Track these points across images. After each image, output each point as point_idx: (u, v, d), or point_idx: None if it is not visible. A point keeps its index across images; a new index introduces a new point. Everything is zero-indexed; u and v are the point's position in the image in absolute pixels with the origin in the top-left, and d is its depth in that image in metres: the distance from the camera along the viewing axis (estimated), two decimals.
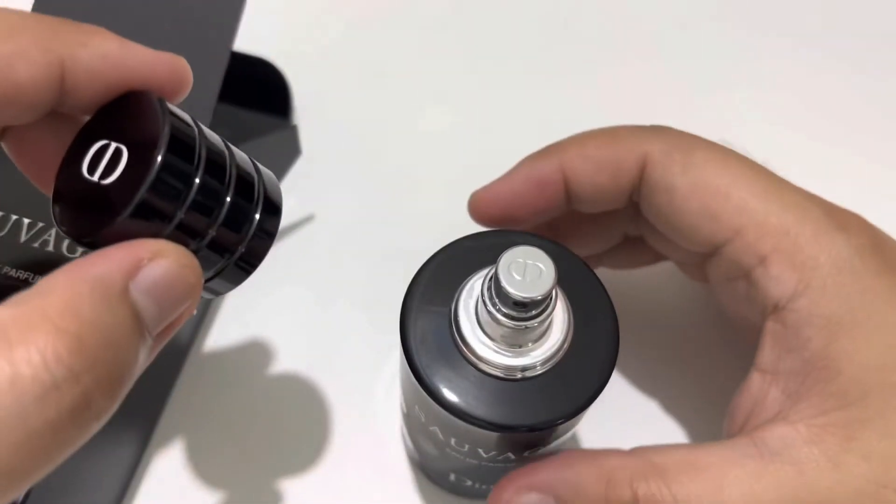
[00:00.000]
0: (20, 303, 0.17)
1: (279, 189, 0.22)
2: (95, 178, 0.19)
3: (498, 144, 0.46)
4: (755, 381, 0.26)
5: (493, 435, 0.24)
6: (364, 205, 0.44)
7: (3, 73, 0.19)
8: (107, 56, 0.20)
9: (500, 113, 0.48)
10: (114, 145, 0.19)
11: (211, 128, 0.36)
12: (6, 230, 0.31)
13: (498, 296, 0.23)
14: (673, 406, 0.35)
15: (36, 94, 0.19)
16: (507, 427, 0.23)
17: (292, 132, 0.46)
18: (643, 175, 0.28)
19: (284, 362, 0.37)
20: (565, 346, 0.24)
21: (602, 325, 0.25)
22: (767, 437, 0.24)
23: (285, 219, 0.43)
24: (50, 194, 0.21)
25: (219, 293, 0.22)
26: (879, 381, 0.23)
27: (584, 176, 0.29)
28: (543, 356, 0.24)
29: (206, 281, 0.21)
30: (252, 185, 0.21)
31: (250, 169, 0.21)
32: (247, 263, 0.22)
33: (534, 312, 0.23)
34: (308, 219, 0.43)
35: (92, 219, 0.19)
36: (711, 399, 0.33)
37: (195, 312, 0.21)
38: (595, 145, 0.30)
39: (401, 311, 0.25)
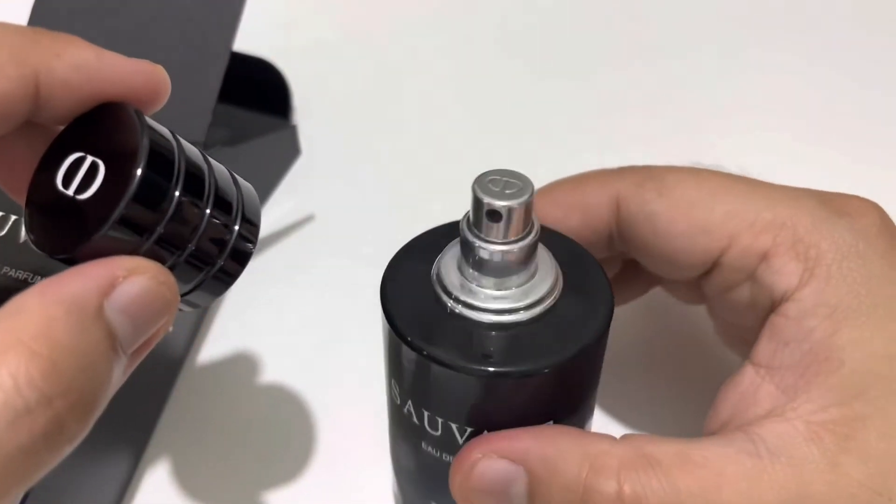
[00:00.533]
0: None
1: (257, 202, 0.22)
2: (71, 192, 0.19)
3: (498, 144, 0.47)
4: (748, 374, 0.25)
5: (471, 395, 0.23)
6: (363, 205, 0.43)
7: None
8: (81, 67, 0.20)
9: (500, 112, 0.48)
10: (90, 159, 0.19)
11: (211, 128, 0.36)
12: (6, 230, 0.31)
13: (475, 214, 0.22)
14: (663, 411, 0.35)
15: (9, 107, 0.19)
16: (491, 374, 0.22)
17: (292, 132, 0.46)
18: (619, 213, 0.28)
19: (282, 367, 0.37)
20: (556, 293, 0.23)
21: (594, 278, 0.24)
22: (765, 434, 0.22)
23: (285, 219, 0.44)
24: (22, 203, 0.20)
25: (198, 306, 0.22)
26: (885, 372, 0.22)
27: (553, 221, 0.28)
28: (530, 300, 0.23)
29: (185, 294, 0.21)
30: (231, 198, 0.21)
31: (229, 182, 0.21)
32: (226, 276, 0.21)
33: (514, 238, 0.22)
34: (307, 219, 0.43)
35: (67, 234, 0.18)
36: (700, 405, 0.33)
37: (171, 329, 0.20)
38: (562, 190, 0.29)
39: (382, 275, 0.24)
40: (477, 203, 0.22)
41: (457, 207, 0.34)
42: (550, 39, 0.52)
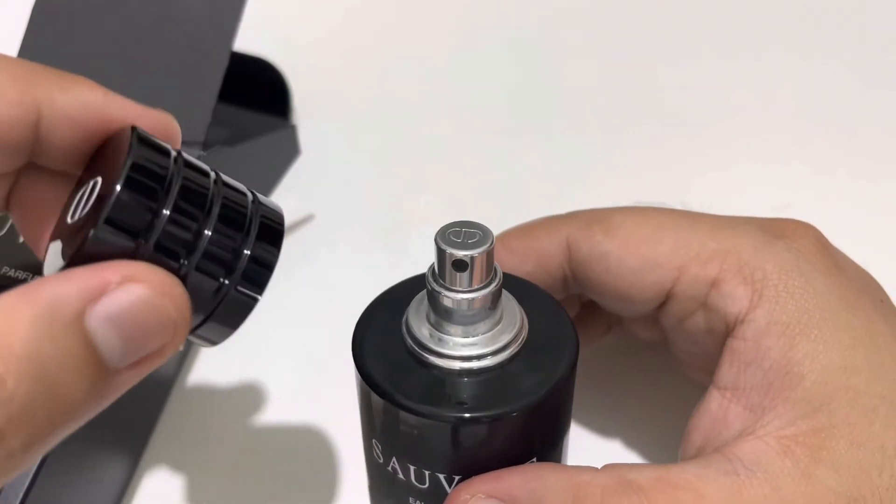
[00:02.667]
0: None
1: (280, 222, 0.21)
2: (75, 218, 0.18)
3: (497, 145, 0.47)
4: (714, 399, 0.26)
5: (451, 443, 0.23)
6: (363, 205, 0.44)
7: None
8: (88, 105, 0.19)
9: (499, 114, 0.48)
10: (91, 182, 0.19)
11: (210, 127, 0.36)
12: (5, 230, 0.31)
13: (440, 266, 0.23)
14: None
15: (9, 134, 0.19)
16: (466, 420, 0.22)
17: (291, 132, 0.46)
18: (571, 256, 0.29)
19: (280, 368, 0.36)
20: (522, 336, 0.24)
21: (557, 319, 0.25)
22: (740, 452, 0.23)
23: (285, 219, 0.43)
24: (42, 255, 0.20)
25: (213, 342, 0.20)
26: (843, 383, 0.23)
27: (508, 268, 0.29)
28: (498, 345, 0.23)
29: (195, 329, 0.19)
30: (242, 217, 0.19)
31: (243, 199, 0.20)
32: (240, 303, 0.19)
33: (479, 285, 0.23)
34: (307, 219, 0.43)
35: (65, 256, 0.18)
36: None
37: (181, 348, 0.19)
38: (516, 237, 0.30)
39: (353, 333, 0.25)
40: (441, 255, 0.22)
41: (458, 207, 0.34)
42: (551, 42, 0.52)
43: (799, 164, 0.44)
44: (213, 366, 0.37)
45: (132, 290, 0.17)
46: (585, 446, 0.33)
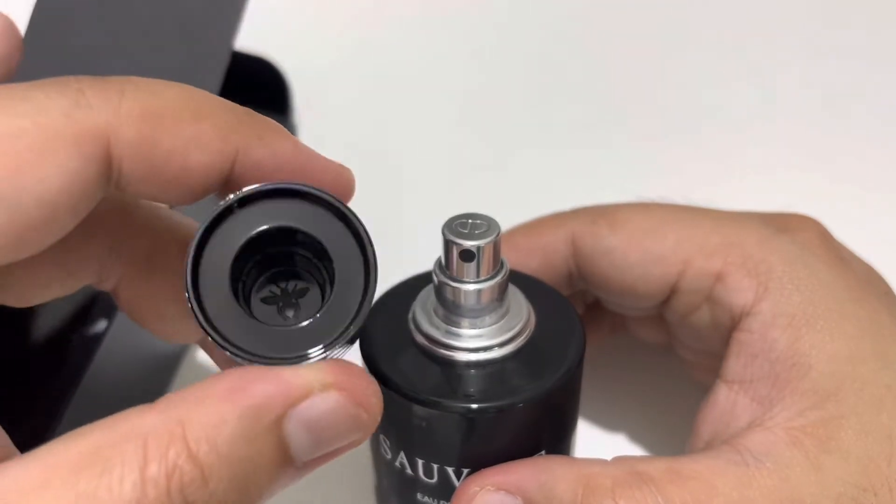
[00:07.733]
0: (168, 407, 0.16)
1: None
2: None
3: (498, 146, 0.47)
4: (721, 392, 0.26)
5: (459, 434, 0.23)
6: (364, 206, 0.43)
7: (178, 158, 0.18)
8: (278, 153, 0.20)
9: (499, 114, 0.48)
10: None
11: None
12: None
13: (447, 257, 0.23)
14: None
15: (205, 182, 0.19)
16: (474, 411, 0.23)
17: (291, 132, 0.45)
18: (576, 252, 0.29)
19: None
20: (529, 328, 0.24)
21: (563, 312, 0.25)
22: (749, 444, 0.23)
23: None
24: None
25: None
26: (850, 373, 0.23)
27: (514, 265, 0.28)
28: (506, 336, 0.24)
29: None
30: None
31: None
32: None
33: (486, 276, 0.23)
34: None
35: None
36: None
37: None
38: (521, 234, 0.30)
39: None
40: (448, 246, 0.23)
41: (459, 208, 0.34)
42: (555, 38, 0.52)
43: (803, 162, 0.44)
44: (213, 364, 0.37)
45: (332, 399, 0.18)
46: (592, 445, 0.33)
